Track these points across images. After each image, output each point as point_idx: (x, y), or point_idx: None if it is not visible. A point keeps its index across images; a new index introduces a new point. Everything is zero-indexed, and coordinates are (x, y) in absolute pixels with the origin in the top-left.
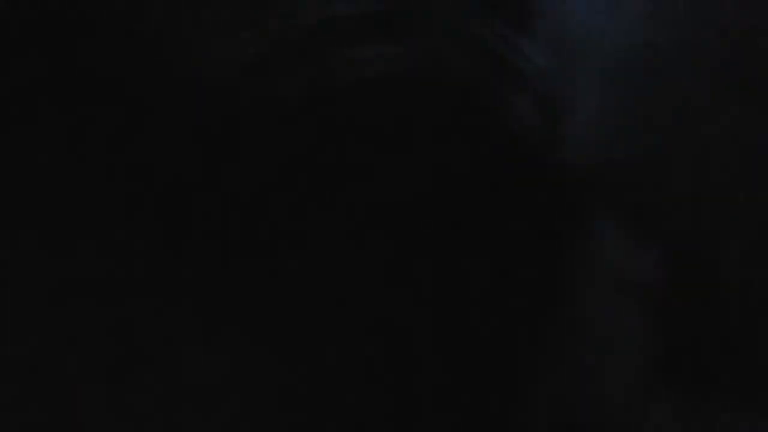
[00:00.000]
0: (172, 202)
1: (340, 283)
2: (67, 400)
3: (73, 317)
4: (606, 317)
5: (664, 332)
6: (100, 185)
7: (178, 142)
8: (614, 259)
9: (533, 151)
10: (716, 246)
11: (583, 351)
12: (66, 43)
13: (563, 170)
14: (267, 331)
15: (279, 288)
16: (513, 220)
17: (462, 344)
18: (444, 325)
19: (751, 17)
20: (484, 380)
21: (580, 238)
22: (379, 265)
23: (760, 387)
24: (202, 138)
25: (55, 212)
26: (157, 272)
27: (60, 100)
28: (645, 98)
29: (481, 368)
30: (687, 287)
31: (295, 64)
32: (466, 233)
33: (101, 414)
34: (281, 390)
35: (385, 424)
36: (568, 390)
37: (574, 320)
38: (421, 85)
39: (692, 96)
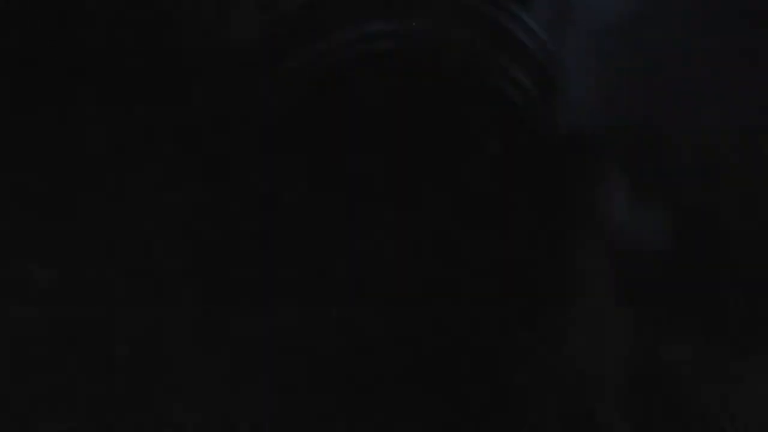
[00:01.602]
0: (167, 196)
1: (338, 261)
2: (66, 400)
3: (71, 317)
4: (608, 290)
5: (665, 303)
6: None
7: (177, 131)
8: (620, 227)
9: (534, 121)
10: (723, 208)
11: (582, 331)
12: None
13: (564, 139)
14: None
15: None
16: (515, 190)
17: (461, 322)
18: (442, 304)
19: None
20: (481, 361)
21: (583, 206)
22: (380, 238)
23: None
24: (207, 118)
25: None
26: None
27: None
28: (642, 64)
29: (480, 347)
30: (695, 252)
31: (298, 40)
32: (469, 205)
33: (99, 414)
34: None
35: (383, 421)
36: (564, 373)
37: (575, 294)
38: (422, 59)
39: (688, 59)
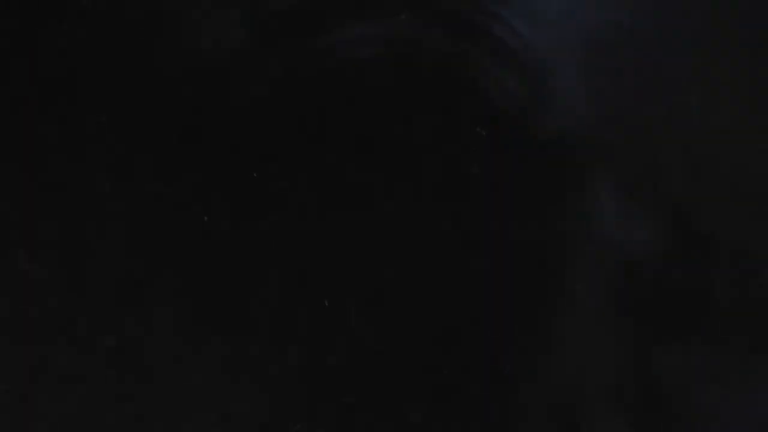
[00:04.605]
0: (156, 194)
1: (325, 261)
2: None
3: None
4: (597, 292)
5: (655, 304)
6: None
7: (166, 131)
8: (609, 229)
9: (519, 122)
10: (712, 210)
11: (572, 330)
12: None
13: (551, 140)
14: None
15: (268, 283)
16: (502, 193)
17: (450, 321)
18: (431, 303)
19: None
20: (473, 359)
21: (571, 208)
22: (364, 241)
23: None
24: (189, 126)
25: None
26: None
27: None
28: (627, 65)
29: (470, 346)
30: (683, 255)
31: (277, 47)
32: (457, 209)
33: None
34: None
35: (377, 419)
36: (556, 371)
37: (564, 296)
38: (403, 63)
39: (674, 59)
